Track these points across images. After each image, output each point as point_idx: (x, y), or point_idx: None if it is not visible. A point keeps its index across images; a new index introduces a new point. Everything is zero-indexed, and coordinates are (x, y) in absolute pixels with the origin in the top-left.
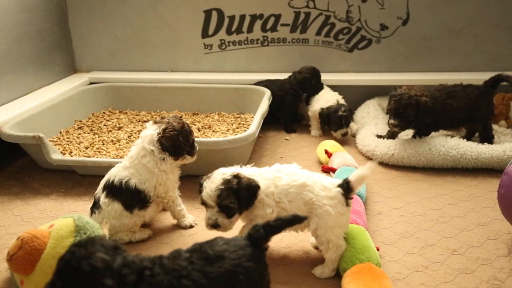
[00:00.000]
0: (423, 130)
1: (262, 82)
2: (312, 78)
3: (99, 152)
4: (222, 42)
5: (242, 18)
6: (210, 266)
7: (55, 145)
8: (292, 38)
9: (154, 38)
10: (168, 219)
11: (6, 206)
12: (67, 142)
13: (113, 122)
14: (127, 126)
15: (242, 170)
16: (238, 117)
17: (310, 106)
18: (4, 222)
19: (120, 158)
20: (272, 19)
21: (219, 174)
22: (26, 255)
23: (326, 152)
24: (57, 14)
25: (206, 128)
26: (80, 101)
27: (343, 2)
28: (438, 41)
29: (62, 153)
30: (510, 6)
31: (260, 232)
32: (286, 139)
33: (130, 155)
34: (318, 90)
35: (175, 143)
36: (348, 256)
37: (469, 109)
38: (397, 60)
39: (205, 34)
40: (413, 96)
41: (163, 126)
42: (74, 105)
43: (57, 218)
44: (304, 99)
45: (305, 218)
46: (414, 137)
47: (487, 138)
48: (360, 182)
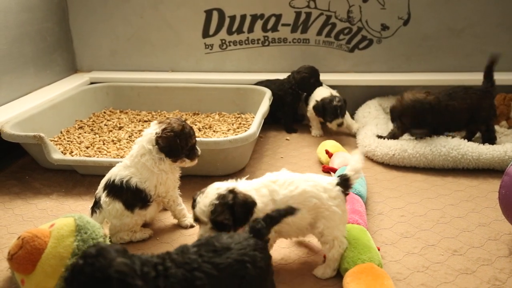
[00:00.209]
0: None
1: (262, 83)
2: (310, 78)
3: (100, 152)
4: (223, 42)
5: (243, 18)
6: (219, 257)
7: (56, 144)
8: (293, 38)
9: (154, 38)
10: (168, 219)
11: (7, 205)
12: (68, 141)
13: (113, 122)
14: (128, 126)
15: (238, 184)
16: (239, 117)
17: (308, 106)
18: (5, 222)
19: (120, 158)
20: (273, 19)
21: (214, 188)
22: (27, 255)
23: (327, 152)
24: (57, 13)
25: (206, 128)
26: (80, 101)
27: (344, 2)
28: (439, 41)
29: (62, 152)
30: (511, 6)
31: (261, 223)
32: (287, 139)
33: (131, 154)
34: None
35: (172, 145)
36: (350, 256)
37: (471, 110)
38: (398, 60)
39: (206, 34)
40: (425, 101)
41: (163, 126)
42: (74, 104)
43: (57, 218)
44: (303, 99)
45: (297, 209)
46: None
47: (490, 139)
48: (357, 176)
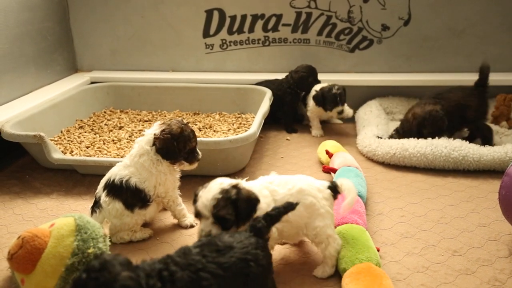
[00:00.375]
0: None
1: (261, 83)
2: (309, 77)
3: (100, 151)
4: (224, 42)
5: (244, 18)
6: (222, 256)
7: (56, 144)
8: (293, 38)
9: (155, 37)
10: (168, 219)
11: (7, 205)
12: (68, 141)
13: (114, 122)
14: (128, 125)
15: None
16: (239, 117)
17: (307, 106)
18: (5, 221)
19: (121, 157)
20: (273, 19)
21: (217, 183)
22: (26, 254)
23: (327, 152)
24: (58, 13)
25: (207, 128)
26: (81, 100)
27: (345, 3)
28: (440, 41)
29: (63, 152)
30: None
31: (261, 222)
32: (287, 139)
33: (131, 153)
34: None
35: (169, 147)
36: (348, 256)
37: (459, 109)
38: (398, 60)
39: (206, 34)
40: (435, 111)
41: (162, 128)
42: (75, 104)
43: (58, 217)
44: (302, 99)
45: (297, 204)
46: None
47: (483, 138)
48: (345, 192)
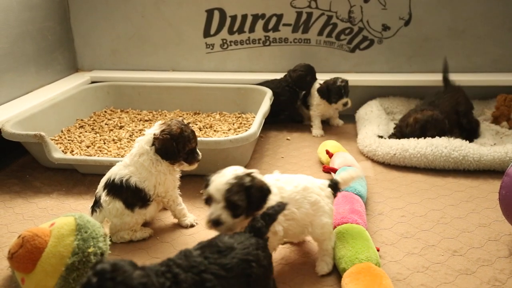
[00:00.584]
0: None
1: (261, 85)
2: (307, 75)
3: (101, 151)
4: (224, 41)
5: (244, 17)
6: (224, 258)
7: (57, 143)
8: (294, 38)
9: (155, 37)
10: (169, 218)
11: (7, 204)
12: (69, 140)
13: (114, 121)
14: (129, 125)
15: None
16: (240, 116)
17: (310, 105)
18: (5, 221)
19: (121, 157)
20: (274, 19)
21: (231, 170)
22: (27, 254)
23: (327, 152)
24: (59, 12)
25: (207, 127)
26: (81, 100)
27: (345, 2)
28: (440, 41)
29: (63, 151)
30: None
31: (260, 222)
32: (288, 139)
33: (131, 152)
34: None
35: (168, 148)
36: (348, 256)
37: (453, 108)
38: (399, 60)
39: (207, 33)
40: (436, 114)
41: (162, 128)
42: (75, 104)
43: (58, 217)
44: (301, 100)
45: (286, 204)
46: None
47: (473, 131)
48: (347, 183)
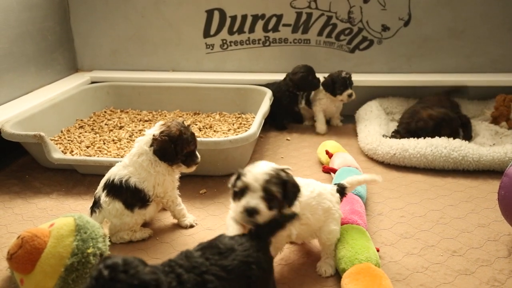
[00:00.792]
0: None
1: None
2: (308, 75)
3: (100, 151)
4: (224, 42)
5: (244, 18)
6: (225, 259)
7: (56, 144)
8: (293, 38)
9: (155, 37)
10: (168, 219)
11: (6, 204)
12: (68, 141)
13: (114, 122)
14: (128, 125)
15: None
16: (239, 117)
17: (313, 101)
18: (4, 221)
19: (121, 157)
20: (274, 19)
21: (265, 163)
22: (26, 254)
23: (327, 152)
24: (59, 13)
25: (207, 128)
26: (81, 100)
27: (345, 3)
28: (440, 42)
29: (63, 152)
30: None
31: (267, 228)
32: (287, 139)
33: (131, 152)
34: (317, 85)
35: (166, 149)
36: (347, 256)
37: (455, 109)
38: (398, 61)
39: (207, 34)
40: (449, 112)
41: (162, 129)
42: (75, 104)
43: (57, 217)
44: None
45: (297, 214)
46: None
47: (466, 124)
48: (353, 188)
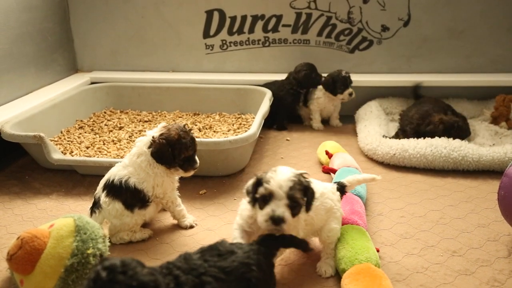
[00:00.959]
0: None
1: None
2: (312, 73)
3: (100, 152)
4: (224, 42)
5: (244, 18)
6: (224, 261)
7: (56, 144)
8: (293, 39)
9: (155, 38)
10: (168, 219)
11: (6, 205)
12: (68, 141)
13: (114, 122)
14: (128, 126)
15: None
16: (239, 117)
17: (311, 100)
18: (4, 222)
19: (120, 158)
20: (273, 20)
21: (286, 168)
22: (26, 255)
23: (327, 153)
24: (58, 13)
25: (207, 128)
26: (81, 100)
27: (345, 3)
28: (439, 42)
29: (63, 152)
30: (511, 8)
31: (275, 241)
32: (287, 140)
33: (130, 153)
34: (320, 82)
35: (163, 152)
36: (347, 256)
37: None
38: (398, 61)
39: (206, 34)
40: (460, 121)
41: (161, 132)
42: (75, 104)
43: (57, 218)
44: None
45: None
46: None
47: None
48: (353, 187)
